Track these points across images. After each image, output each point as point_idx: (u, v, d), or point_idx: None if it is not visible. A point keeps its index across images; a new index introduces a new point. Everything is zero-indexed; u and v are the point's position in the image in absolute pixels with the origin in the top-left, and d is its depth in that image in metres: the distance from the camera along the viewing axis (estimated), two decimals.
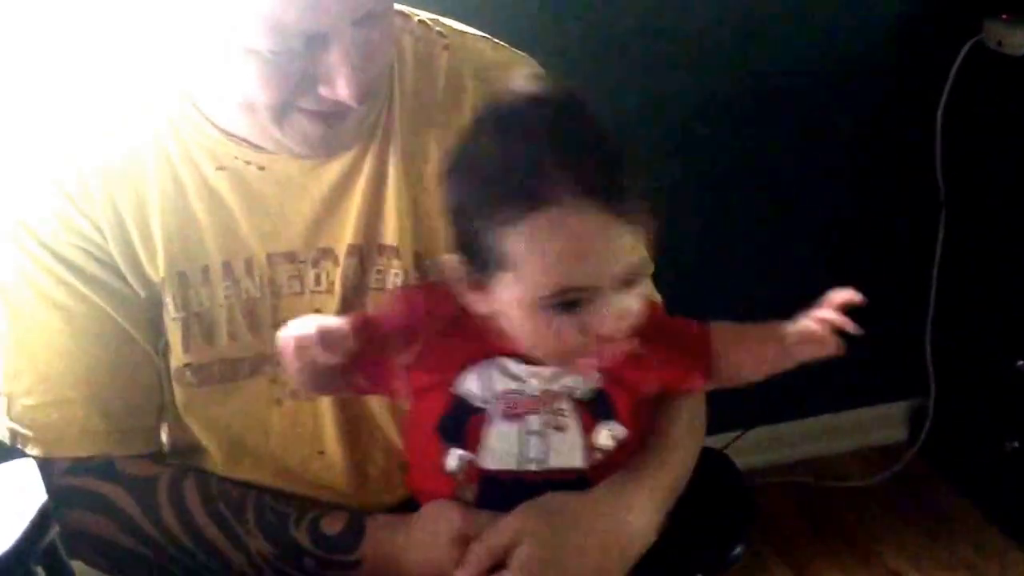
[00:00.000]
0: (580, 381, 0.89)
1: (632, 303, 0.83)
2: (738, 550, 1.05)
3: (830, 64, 1.82)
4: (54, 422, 0.97)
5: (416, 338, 0.88)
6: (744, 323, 0.93)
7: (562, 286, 0.80)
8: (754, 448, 1.95)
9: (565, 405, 0.89)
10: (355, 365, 0.88)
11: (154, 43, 0.96)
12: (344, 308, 0.96)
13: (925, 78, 1.85)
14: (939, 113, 1.85)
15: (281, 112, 0.87)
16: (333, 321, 0.86)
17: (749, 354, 0.92)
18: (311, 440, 0.99)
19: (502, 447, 0.88)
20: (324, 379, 0.88)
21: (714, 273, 1.81)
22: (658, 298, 1.06)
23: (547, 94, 0.84)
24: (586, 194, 0.78)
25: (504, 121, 0.83)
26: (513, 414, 0.88)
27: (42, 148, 0.95)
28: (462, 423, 0.88)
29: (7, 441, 0.99)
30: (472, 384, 0.88)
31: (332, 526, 0.95)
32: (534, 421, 0.88)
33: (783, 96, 1.82)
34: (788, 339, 0.87)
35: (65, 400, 0.97)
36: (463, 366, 0.88)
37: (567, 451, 0.90)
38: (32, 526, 1.04)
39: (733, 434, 1.91)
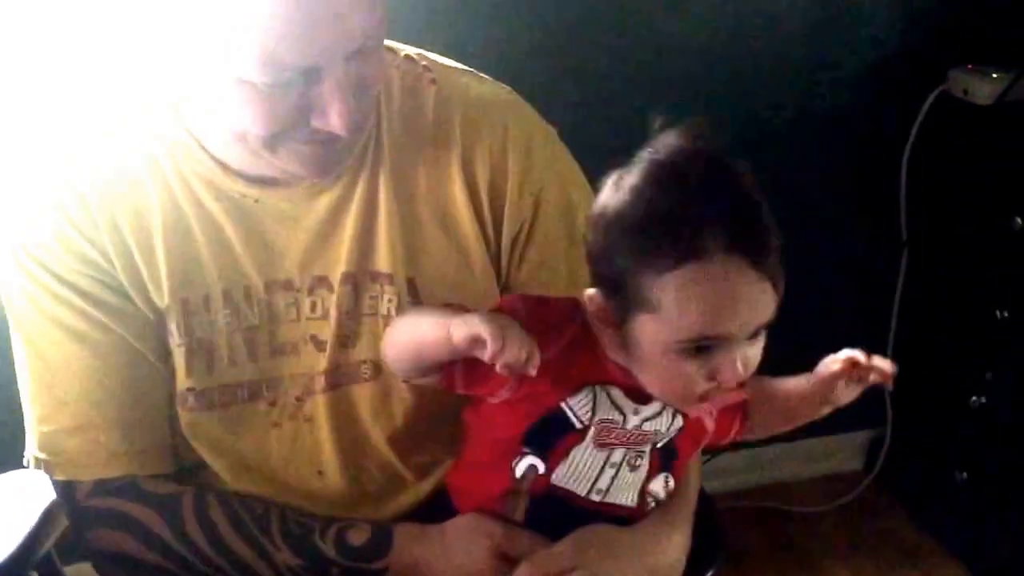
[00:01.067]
0: (666, 427, 0.90)
1: (756, 353, 0.85)
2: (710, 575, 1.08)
3: (801, 111, 1.84)
4: (76, 446, 0.98)
5: (544, 348, 0.86)
6: (777, 377, 0.95)
7: (702, 334, 0.82)
8: (717, 473, 1.97)
9: (646, 448, 0.91)
10: (465, 361, 0.87)
11: (151, 71, 0.97)
12: (339, 334, 0.98)
13: (892, 124, 1.88)
14: (904, 158, 1.89)
15: (273, 142, 0.88)
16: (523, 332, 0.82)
17: (781, 410, 0.95)
18: (310, 460, 1.01)
19: (582, 469, 0.90)
20: (427, 366, 0.89)
21: None
22: None
23: (700, 150, 0.84)
24: (737, 249, 0.80)
25: (661, 173, 0.84)
26: (604, 443, 0.89)
27: (43, 174, 0.95)
28: (552, 436, 0.89)
29: (32, 468, 1.00)
30: (579, 403, 0.88)
31: (358, 536, 0.97)
32: (619, 454, 0.90)
33: (754, 142, 1.78)
34: (816, 387, 0.91)
35: (86, 424, 0.97)
36: (574, 385, 0.88)
37: (629, 490, 0.92)
38: (30, 535, 1.06)
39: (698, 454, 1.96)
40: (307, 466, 1.01)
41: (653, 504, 0.94)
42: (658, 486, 0.93)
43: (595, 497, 0.91)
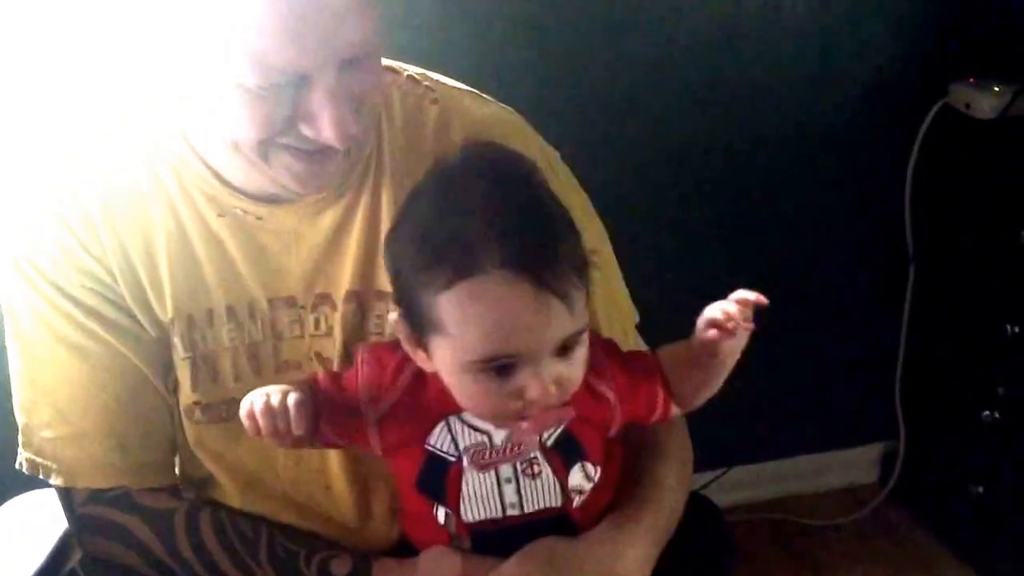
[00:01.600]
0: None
1: (568, 370, 0.83)
2: None
3: (802, 126, 1.84)
4: (72, 455, 0.99)
5: (383, 396, 0.89)
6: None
7: (490, 353, 0.80)
8: (732, 487, 1.98)
9: (536, 453, 0.89)
10: (326, 421, 0.89)
11: (153, 74, 0.97)
12: (345, 351, 0.98)
13: (895, 139, 1.87)
14: (908, 173, 1.88)
15: (263, 148, 0.87)
16: (282, 400, 0.84)
17: (692, 367, 0.90)
18: (317, 475, 1.01)
19: (480, 497, 0.89)
20: (290, 440, 0.87)
21: (686, 322, 1.87)
22: (643, 346, 1.06)
23: (486, 163, 0.84)
24: (512, 266, 0.78)
25: (441, 187, 0.83)
26: (484, 464, 0.88)
27: (47, 189, 0.96)
28: (440, 477, 0.89)
29: (26, 471, 1.01)
30: (441, 439, 0.88)
31: (341, 567, 0.97)
32: (506, 469, 0.89)
33: (756, 158, 1.84)
34: (696, 336, 0.86)
35: (82, 435, 0.98)
36: (432, 421, 0.88)
37: (544, 495, 0.90)
38: (51, 556, 1.07)
39: (713, 473, 1.94)
40: (314, 481, 1.02)
41: (580, 497, 0.92)
42: (578, 479, 0.91)
43: (514, 512, 0.90)
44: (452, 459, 0.89)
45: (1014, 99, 1.72)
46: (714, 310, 0.85)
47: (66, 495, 1.02)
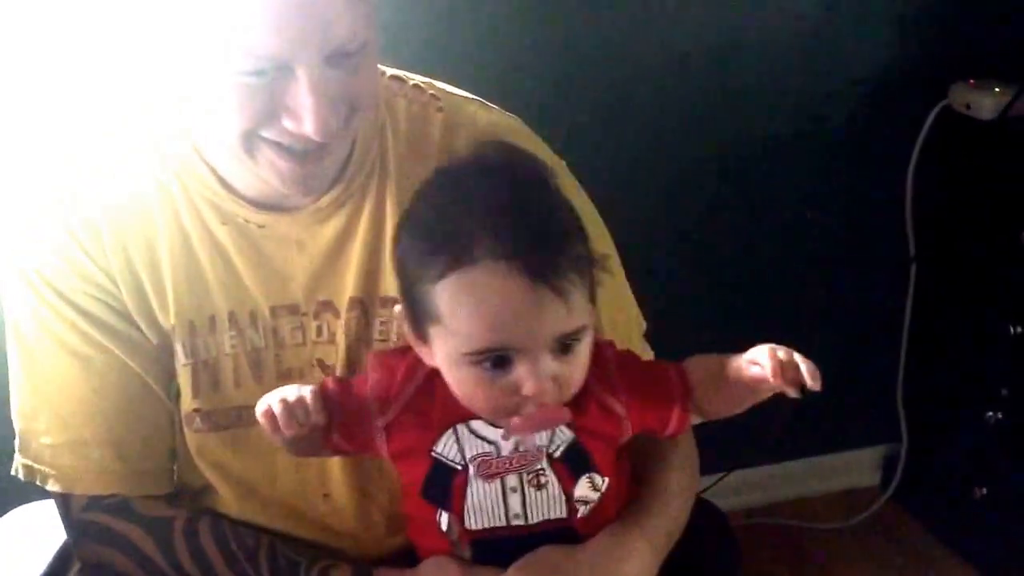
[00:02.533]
0: (548, 439, 0.88)
1: (566, 369, 0.83)
2: None
3: (802, 129, 1.84)
4: (71, 462, 0.99)
5: (392, 402, 0.89)
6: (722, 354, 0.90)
7: (484, 344, 0.80)
8: (733, 491, 1.96)
9: (543, 464, 0.89)
10: (335, 427, 0.89)
11: (154, 72, 0.97)
12: (348, 358, 0.98)
13: (896, 140, 1.88)
14: (909, 173, 1.89)
15: (247, 141, 0.86)
16: (298, 393, 0.85)
17: (724, 389, 0.89)
18: (317, 483, 1.01)
19: (485, 507, 0.89)
20: (304, 444, 0.89)
21: (692, 327, 1.87)
22: (650, 354, 1.06)
23: (493, 161, 0.84)
24: (507, 258, 0.78)
25: (445, 182, 0.84)
26: (490, 474, 0.88)
27: (51, 195, 0.96)
28: (446, 485, 0.89)
29: (22, 477, 1.01)
30: (447, 447, 0.88)
31: None
32: (512, 479, 0.89)
33: (757, 161, 1.84)
34: (742, 367, 0.85)
35: (81, 442, 0.98)
36: (439, 428, 0.88)
37: (549, 506, 0.90)
38: (50, 567, 1.06)
39: (714, 477, 1.93)
40: (313, 489, 1.02)
41: (585, 509, 0.92)
42: (585, 489, 0.91)
43: (518, 522, 0.90)
44: (458, 467, 0.88)
45: (1014, 100, 1.73)
46: (768, 357, 0.84)
47: (64, 501, 1.01)
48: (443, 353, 0.84)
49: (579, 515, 0.92)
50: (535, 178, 0.84)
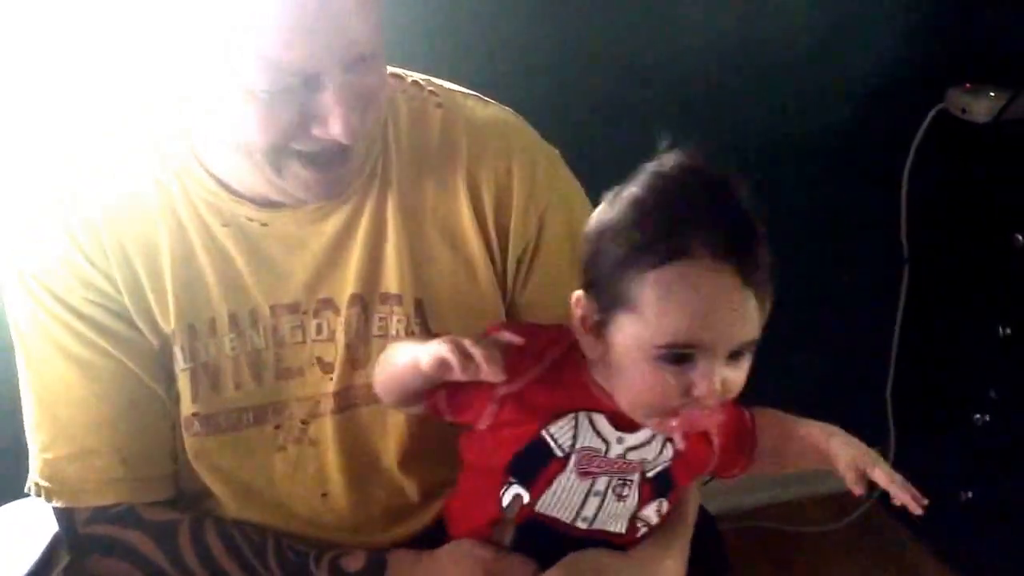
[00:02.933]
0: (654, 456, 0.89)
1: (736, 375, 0.84)
2: None
3: (800, 130, 1.85)
4: (75, 473, 0.98)
5: (521, 374, 0.88)
6: (790, 416, 0.95)
7: (680, 338, 0.81)
8: (719, 494, 1.92)
9: (634, 477, 0.90)
10: (443, 386, 0.88)
11: (156, 76, 0.97)
12: (348, 355, 0.99)
13: (891, 143, 1.89)
14: (904, 175, 1.90)
15: (276, 155, 0.88)
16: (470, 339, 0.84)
17: (789, 455, 0.94)
18: (315, 483, 1.01)
19: (564, 498, 0.89)
20: (411, 396, 0.90)
21: None
22: None
23: (700, 166, 0.86)
24: (724, 257, 0.80)
25: (661, 181, 0.85)
26: (586, 471, 0.88)
27: (51, 199, 0.96)
28: (537, 465, 0.89)
29: (32, 495, 1.01)
30: (562, 431, 0.88)
31: (353, 563, 0.97)
32: (602, 482, 0.89)
33: (754, 161, 1.80)
34: (835, 458, 0.91)
35: (85, 451, 0.98)
36: (560, 411, 0.88)
37: (616, 518, 0.91)
38: (36, 567, 1.04)
39: (700, 479, 1.96)
40: (311, 489, 1.02)
41: (644, 529, 0.93)
42: (650, 512, 0.93)
43: (581, 525, 0.90)
44: (560, 453, 0.88)
45: (1009, 103, 1.74)
46: (882, 474, 0.92)
47: (67, 517, 1.01)
48: (626, 343, 0.84)
49: (638, 534, 0.93)
50: (737, 187, 0.85)
